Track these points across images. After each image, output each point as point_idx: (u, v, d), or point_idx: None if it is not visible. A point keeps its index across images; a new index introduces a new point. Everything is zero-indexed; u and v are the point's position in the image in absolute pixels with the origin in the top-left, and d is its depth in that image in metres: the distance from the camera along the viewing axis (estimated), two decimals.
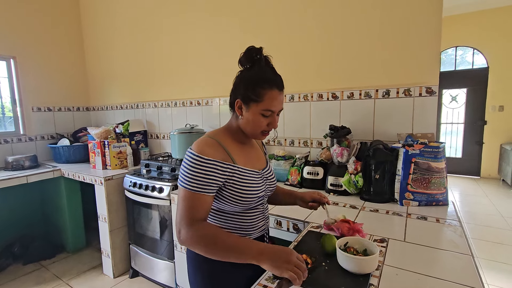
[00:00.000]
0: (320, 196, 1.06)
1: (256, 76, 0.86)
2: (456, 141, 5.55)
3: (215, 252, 0.76)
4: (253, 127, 0.88)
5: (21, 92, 2.83)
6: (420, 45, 1.48)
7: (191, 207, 0.79)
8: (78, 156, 2.78)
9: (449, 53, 5.42)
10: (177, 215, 0.81)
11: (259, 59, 0.88)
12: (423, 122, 1.51)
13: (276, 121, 0.90)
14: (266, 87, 0.84)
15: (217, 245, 0.75)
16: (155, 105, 2.76)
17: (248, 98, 0.86)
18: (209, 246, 0.75)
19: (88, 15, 3.20)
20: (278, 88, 0.86)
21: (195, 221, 0.79)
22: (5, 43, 2.69)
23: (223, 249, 0.75)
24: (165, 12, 2.53)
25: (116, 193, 2.22)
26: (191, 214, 0.79)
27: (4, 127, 2.83)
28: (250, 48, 0.89)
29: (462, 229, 1.09)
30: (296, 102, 1.91)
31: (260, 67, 0.87)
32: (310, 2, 1.78)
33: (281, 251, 0.72)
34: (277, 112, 0.89)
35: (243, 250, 0.74)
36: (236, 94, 0.89)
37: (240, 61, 0.90)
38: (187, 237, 0.77)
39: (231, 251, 0.74)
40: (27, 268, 2.46)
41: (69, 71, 3.20)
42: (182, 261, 1.84)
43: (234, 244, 0.75)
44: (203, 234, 0.76)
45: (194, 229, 0.77)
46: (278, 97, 0.86)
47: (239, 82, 0.89)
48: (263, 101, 0.84)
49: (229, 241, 0.76)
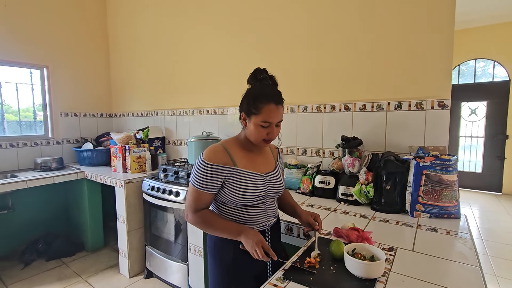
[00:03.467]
0: (314, 221, 1.13)
1: (256, 93, 1.01)
2: (476, 155, 5.38)
3: (210, 231, 1.06)
4: (255, 136, 1.03)
5: (52, 98, 3.05)
6: (432, 59, 1.51)
7: (196, 200, 1.03)
8: (100, 160, 2.93)
9: (470, 64, 5.32)
10: (186, 202, 1.06)
11: (262, 78, 1.05)
12: (435, 135, 1.53)
13: (274, 131, 1.03)
14: (264, 102, 0.98)
15: (211, 227, 1.03)
16: (173, 113, 2.89)
17: (249, 111, 1.01)
18: (206, 227, 1.04)
19: (113, 29, 3.42)
20: (274, 102, 0.99)
21: (197, 210, 1.04)
22: (39, 53, 2.92)
23: (214, 230, 1.03)
24: (184, 26, 2.68)
25: (134, 195, 2.33)
26: (195, 205, 1.03)
27: (35, 130, 3.03)
28: (256, 69, 1.06)
29: (472, 242, 1.10)
30: (309, 112, 1.97)
31: (262, 85, 1.04)
32: (324, 17, 1.86)
33: (251, 237, 0.95)
34: (275, 123, 1.02)
35: (228, 231, 1.01)
36: (242, 108, 1.06)
37: (248, 80, 1.08)
38: (191, 220, 1.05)
39: (219, 231, 1.02)
40: (50, 264, 2.59)
41: (95, 79, 3.41)
42: (195, 264, 1.91)
43: (222, 227, 1.02)
44: (202, 220, 1.03)
45: (197, 216, 1.03)
46: (275, 110, 1.00)
47: (244, 98, 1.06)
48: (261, 114, 0.99)
49: (219, 225, 1.02)
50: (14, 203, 2.65)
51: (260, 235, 0.97)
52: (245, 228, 0.99)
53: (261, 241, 0.94)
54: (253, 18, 2.21)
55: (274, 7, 2.08)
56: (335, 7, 1.81)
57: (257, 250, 0.92)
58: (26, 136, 2.92)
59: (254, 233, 0.97)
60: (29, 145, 2.88)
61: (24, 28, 2.80)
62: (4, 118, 2.81)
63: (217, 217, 1.04)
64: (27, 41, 2.83)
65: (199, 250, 1.86)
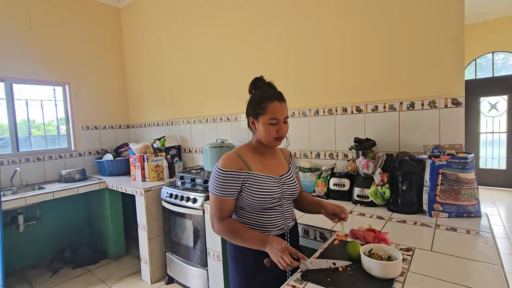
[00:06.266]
0: (340, 211, 1.14)
1: (259, 96, 1.09)
2: (499, 151, 5.17)
3: (235, 241, 1.07)
4: (266, 136, 1.08)
5: (73, 112, 3.21)
6: (443, 57, 1.50)
7: (219, 208, 1.07)
8: (120, 170, 3.05)
9: (488, 57, 5.15)
10: (210, 212, 1.10)
11: (261, 84, 1.13)
12: (451, 133, 1.51)
13: (283, 128, 1.08)
14: (267, 101, 1.06)
15: (236, 236, 1.04)
16: (188, 122, 2.97)
17: (256, 114, 1.08)
18: (231, 237, 1.06)
19: (128, 43, 3.58)
20: (277, 100, 1.07)
21: (222, 218, 1.07)
22: (61, 71, 3.10)
23: (240, 240, 1.04)
24: (196, 39, 2.77)
25: (153, 203, 2.41)
26: (219, 213, 1.07)
27: (59, 144, 3.20)
28: (254, 79, 1.14)
29: (494, 241, 1.08)
30: (321, 116, 1.99)
31: (262, 90, 1.11)
32: (334, 20, 1.88)
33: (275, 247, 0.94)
34: (282, 119, 1.07)
35: (253, 241, 1.01)
36: (248, 113, 1.13)
37: (249, 90, 1.15)
38: (217, 229, 1.08)
39: (245, 241, 1.03)
40: (76, 272, 2.71)
41: (113, 93, 3.57)
42: (214, 268, 1.94)
43: (247, 236, 1.03)
44: (227, 229, 1.06)
45: (222, 225, 1.07)
46: (279, 107, 1.06)
47: (248, 104, 1.13)
48: (268, 113, 1.06)
49: (244, 234, 1.03)
50: (41, 214, 2.79)
51: (284, 242, 0.96)
52: (268, 238, 0.99)
53: (287, 248, 0.93)
54: (264, 26, 2.26)
55: (285, 13, 2.13)
56: (343, 8, 1.83)
57: (283, 257, 0.89)
58: (51, 149, 3.08)
59: (278, 241, 0.96)
60: (54, 158, 3.04)
61: (47, 48, 2.99)
62: (30, 133, 2.98)
63: (241, 226, 1.07)
64: (50, 60, 3.01)
65: (217, 255, 1.90)
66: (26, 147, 2.94)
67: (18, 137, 2.86)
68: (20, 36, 2.82)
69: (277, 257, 0.91)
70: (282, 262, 0.90)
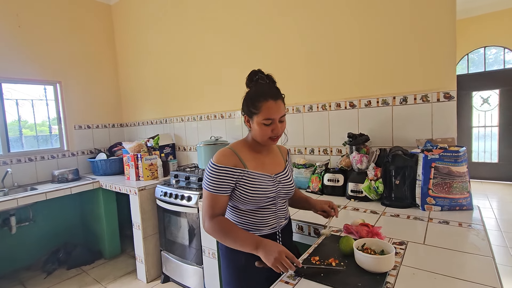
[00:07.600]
0: (330, 207, 1.15)
1: (254, 94, 1.04)
2: (491, 145, 5.24)
3: (225, 242, 1.01)
4: (261, 135, 1.04)
5: (65, 112, 3.16)
6: (435, 51, 1.51)
7: (211, 204, 1.02)
8: (114, 169, 3.02)
9: (480, 52, 5.20)
10: (203, 209, 1.05)
11: (257, 79, 1.07)
12: (443, 127, 1.52)
13: (278, 127, 1.03)
14: (261, 100, 1.00)
15: (227, 237, 0.98)
16: (181, 120, 2.95)
17: (250, 113, 1.04)
18: (221, 237, 1.00)
19: (120, 42, 3.53)
20: (272, 98, 1.00)
21: (214, 216, 1.02)
22: (52, 70, 3.04)
23: (231, 241, 0.98)
24: (188, 35, 2.74)
25: (148, 202, 2.39)
26: (211, 210, 1.02)
27: (51, 144, 3.15)
28: (251, 72, 1.08)
29: (485, 233, 1.09)
30: (315, 112, 1.98)
31: (258, 85, 1.06)
32: (324, 13, 1.87)
33: (272, 250, 0.88)
34: (278, 119, 1.02)
35: (244, 243, 0.95)
36: (243, 111, 1.08)
37: (246, 83, 1.09)
38: (208, 228, 1.02)
39: (236, 243, 0.97)
40: (70, 273, 2.68)
41: (105, 92, 3.52)
42: (210, 266, 1.94)
43: (238, 238, 0.97)
44: (218, 228, 1.00)
45: (213, 223, 1.01)
46: (274, 106, 1.00)
47: (243, 101, 1.08)
48: (262, 112, 1.00)
49: (236, 235, 0.97)
50: (34, 215, 2.76)
51: (281, 245, 0.90)
52: (262, 241, 0.93)
53: (284, 251, 0.87)
54: (256, 22, 2.24)
55: (276, 11, 2.11)
56: (332, 3, 1.83)
57: (282, 262, 0.84)
58: (43, 150, 3.04)
59: (274, 244, 0.90)
60: (46, 158, 2.99)
61: (36, 46, 2.93)
62: (22, 133, 2.93)
63: (233, 226, 1.01)
64: (40, 59, 2.95)
65: (213, 253, 1.89)
66: (18, 148, 2.90)
67: (9, 137, 2.81)
68: (9, 35, 2.76)
69: (273, 262, 0.85)
70: (280, 267, 0.85)
